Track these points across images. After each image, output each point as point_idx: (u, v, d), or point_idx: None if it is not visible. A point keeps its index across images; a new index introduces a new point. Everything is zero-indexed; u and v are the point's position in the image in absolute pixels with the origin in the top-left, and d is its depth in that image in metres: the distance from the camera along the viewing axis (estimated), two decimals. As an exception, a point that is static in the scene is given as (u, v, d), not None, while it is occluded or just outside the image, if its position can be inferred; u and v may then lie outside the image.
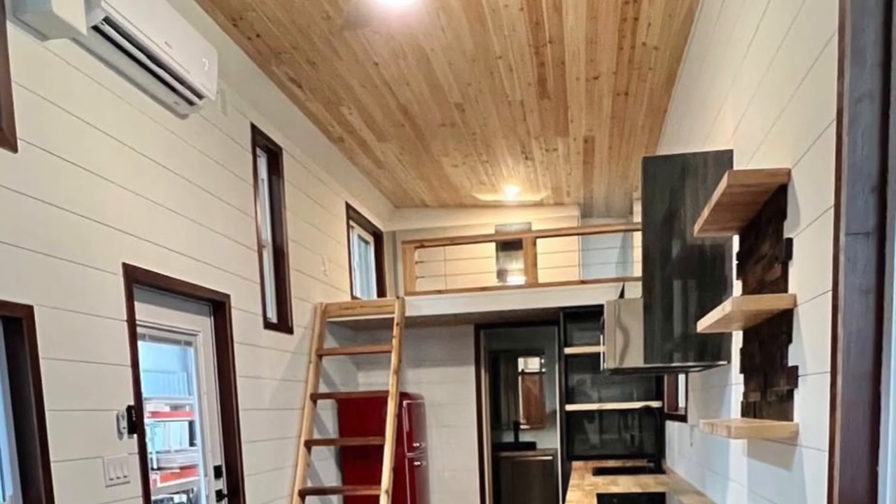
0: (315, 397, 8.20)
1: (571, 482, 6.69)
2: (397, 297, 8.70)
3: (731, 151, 4.48)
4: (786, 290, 3.36)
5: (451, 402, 10.18)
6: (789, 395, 3.31)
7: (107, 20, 4.42)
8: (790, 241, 3.30)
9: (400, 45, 6.22)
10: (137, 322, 5.27)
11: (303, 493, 7.80)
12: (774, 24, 3.52)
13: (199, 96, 5.62)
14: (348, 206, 10.00)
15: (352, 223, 10.31)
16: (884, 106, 2.50)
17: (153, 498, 5.44)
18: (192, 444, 6.29)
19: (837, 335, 2.65)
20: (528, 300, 8.75)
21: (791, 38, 3.26)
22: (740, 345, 4.26)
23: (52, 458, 4.34)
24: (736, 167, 4.40)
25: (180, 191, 5.85)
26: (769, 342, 3.64)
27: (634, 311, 5.72)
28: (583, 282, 8.96)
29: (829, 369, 2.76)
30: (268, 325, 7.36)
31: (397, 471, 9.03)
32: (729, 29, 4.53)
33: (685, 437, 6.73)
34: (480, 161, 9.52)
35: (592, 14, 5.75)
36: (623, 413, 8.99)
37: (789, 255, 3.31)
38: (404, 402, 9.07)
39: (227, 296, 6.51)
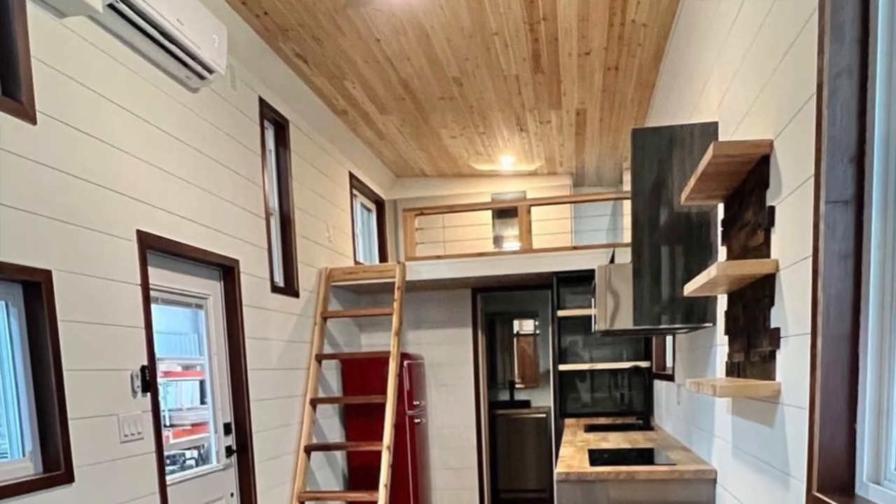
0: (320, 358, 8.22)
1: (564, 438, 6.70)
2: (398, 263, 8.70)
3: (716, 123, 4.49)
4: (768, 256, 3.37)
5: (449, 362, 10.20)
6: (772, 356, 3.32)
7: (121, -2, 4.42)
8: (772, 208, 3.31)
9: (401, 22, 6.20)
10: (151, 286, 5.28)
11: (308, 449, 7.82)
12: (758, 1, 3.51)
13: (210, 71, 5.63)
14: (351, 176, 10.00)
15: (355, 192, 10.30)
16: (862, 80, 2.52)
17: (166, 453, 5.46)
18: (202, 402, 6.31)
19: (817, 298, 2.66)
20: (522, 265, 8.75)
21: (773, 15, 3.25)
22: (725, 308, 4.27)
23: (69, 415, 4.35)
24: (721, 138, 4.40)
25: (192, 161, 5.86)
26: (752, 305, 3.65)
27: (624, 276, 5.73)
28: (575, 248, 8.95)
29: (809, 331, 2.77)
30: (275, 288, 7.37)
31: (398, 427, 9.07)
32: (714, 6, 4.51)
33: (672, 395, 6.74)
34: (477, 133, 9.52)
35: (584, -8, 5.76)
36: (613, 373, 9.00)
37: (772, 223, 3.32)
38: (405, 363, 9.09)
39: (236, 261, 6.52)
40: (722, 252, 4.32)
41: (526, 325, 12.48)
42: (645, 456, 5.36)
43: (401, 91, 7.94)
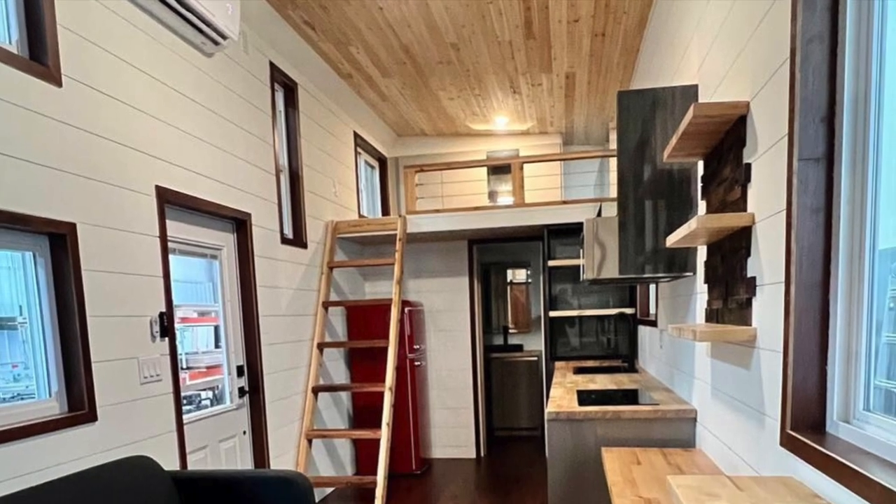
0: (326, 305, 8.23)
1: (554, 380, 6.72)
2: (400, 216, 8.69)
3: (696, 86, 4.49)
4: (745, 210, 3.38)
5: (447, 308, 10.22)
6: (748, 303, 3.33)
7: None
8: (749, 165, 3.32)
9: (402, -10, 6.17)
10: (168, 238, 5.30)
11: (315, 390, 7.86)
12: (738, -30, 3.50)
13: (224, 37, 5.66)
14: (356, 135, 9.98)
15: (359, 150, 10.28)
16: (832, 45, 2.54)
17: (183, 394, 5.48)
18: (217, 346, 6.33)
19: (791, 249, 2.67)
20: (515, 218, 8.75)
21: (751, -16, 3.23)
22: (704, 258, 4.28)
23: (92, 358, 4.39)
24: (701, 100, 4.40)
25: (207, 121, 5.88)
26: (730, 256, 3.65)
27: (610, 228, 5.75)
28: (564, 202, 8.94)
29: (783, 280, 2.78)
30: (284, 240, 7.38)
31: (399, 370, 9.13)
32: (696, -25, 4.49)
33: (655, 340, 6.76)
34: (473, 95, 9.53)
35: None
36: (600, 319, 9.02)
37: (748, 179, 3.33)
38: (406, 309, 9.11)
39: (249, 214, 6.53)
40: (702, 206, 4.33)
41: (519, 275, 12.48)
42: (630, 396, 5.39)
43: (402, 56, 7.94)
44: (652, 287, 7.25)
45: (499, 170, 12.07)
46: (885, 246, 2.41)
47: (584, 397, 5.39)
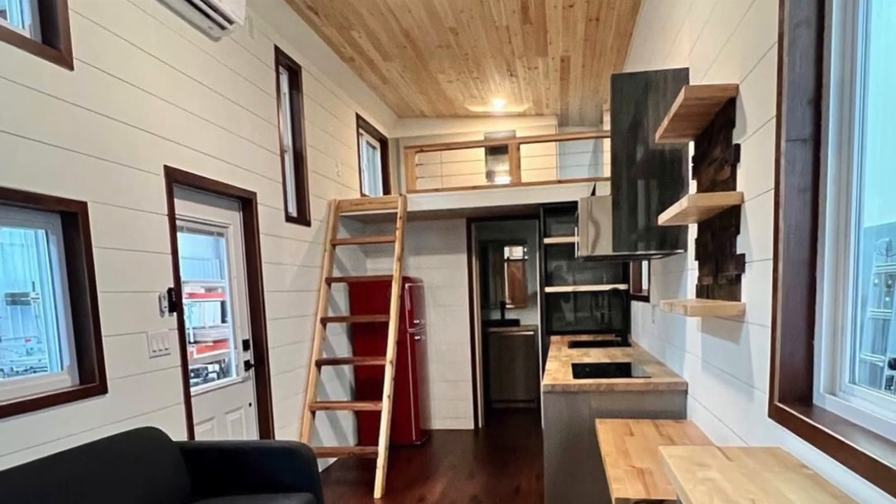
0: (329, 281, 8.24)
1: (550, 354, 6.73)
2: (400, 195, 8.69)
3: (687, 69, 4.50)
4: (734, 189, 3.39)
5: (446, 284, 10.23)
6: (737, 279, 3.34)
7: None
8: (738, 146, 3.33)
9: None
10: (177, 216, 5.31)
11: (319, 363, 7.87)
12: (728, -43, 3.49)
13: (230, 22, 5.66)
14: (358, 117, 9.97)
15: (361, 131, 10.27)
16: (819, 30, 2.55)
17: (190, 367, 5.50)
18: (223, 320, 6.34)
19: (779, 227, 2.68)
20: (512, 197, 8.74)
21: (742, -30, 3.23)
22: (695, 236, 4.29)
23: (103, 333, 4.41)
24: (692, 83, 4.41)
25: (213, 103, 5.89)
26: (720, 233, 3.66)
27: (604, 207, 5.76)
28: (560, 181, 8.93)
29: (771, 257, 2.79)
30: (289, 218, 7.38)
31: (400, 344, 9.15)
32: (688, -39, 4.48)
33: (648, 315, 6.77)
34: (472, 77, 9.52)
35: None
36: (594, 294, 9.03)
37: (737, 159, 3.34)
38: (406, 285, 9.12)
39: (254, 193, 6.53)
40: (692, 185, 4.34)
41: (515, 252, 12.49)
42: (623, 370, 5.40)
43: (402, 40, 7.93)
44: (644, 263, 7.27)
45: (496, 150, 12.08)
46: (870, 224, 2.41)
47: (579, 370, 5.40)
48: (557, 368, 5.59)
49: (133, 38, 4.85)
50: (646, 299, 6.91)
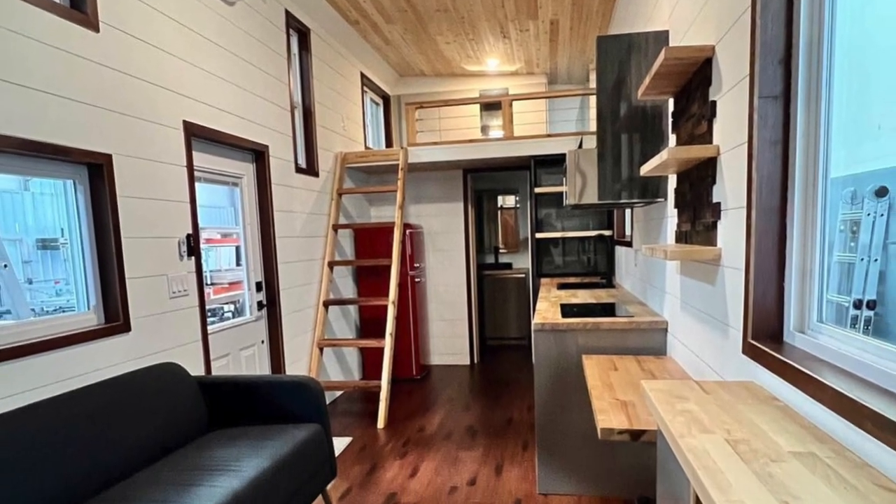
0: (336, 227, 8.24)
1: (540, 295, 6.75)
2: (401, 148, 8.66)
3: (667, 32, 4.51)
4: (711, 142, 3.40)
5: (444, 231, 10.23)
6: (713, 226, 3.36)
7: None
8: (714, 103, 3.34)
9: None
10: (195, 167, 5.32)
11: (326, 304, 7.90)
12: (710, -77, 3.47)
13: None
14: (362, 75, 9.93)
15: (365, 89, 10.24)
16: (790, -6, 2.55)
17: (207, 307, 5.54)
18: (238, 264, 6.35)
19: (752, 178, 2.69)
20: (505, 149, 8.72)
21: (722, -64, 3.22)
22: (674, 186, 4.31)
23: (126, 275, 4.43)
24: (671, 44, 4.42)
25: (229, 63, 5.88)
26: (697, 183, 3.67)
27: (590, 159, 5.75)
28: (549, 135, 8.89)
29: (745, 205, 2.81)
30: (298, 169, 7.36)
31: (402, 286, 9.22)
32: (673, -74, 4.45)
33: (631, 259, 6.79)
34: (468, 39, 9.49)
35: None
36: (581, 240, 9.04)
37: (713, 114, 3.36)
38: (407, 231, 9.13)
39: (266, 146, 6.52)
40: (672, 139, 4.35)
41: (508, 200, 12.46)
42: (608, 309, 5.42)
43: (403, 4, 7.91)
44: (627, 211, 7.27)
45: (490, 106, 12.07)
46: (836, 175, 2.43)
47: (567, 310, 5.42)
48: (547, 308, 5.61)
49: (154, 3, 4.85)
50: (629, 244, 6.92)
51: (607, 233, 8.72)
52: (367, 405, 8.07)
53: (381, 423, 7.13)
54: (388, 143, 11.76)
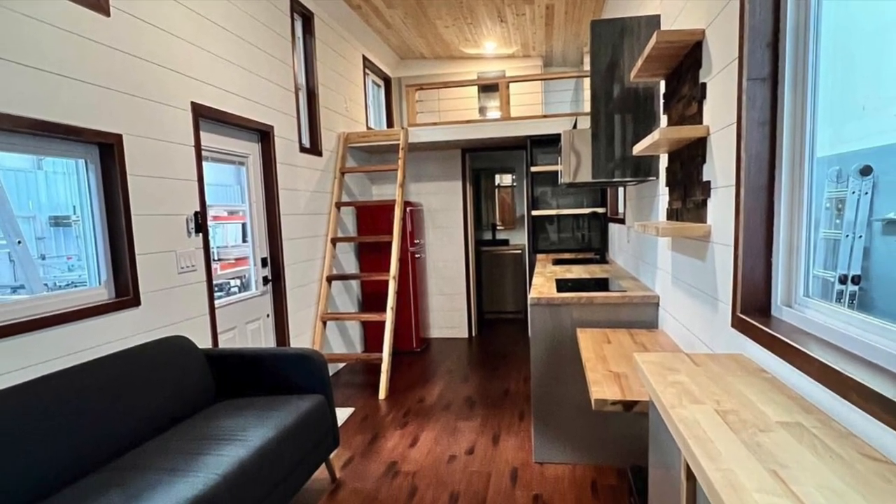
0: (339, 205, 8.24)
1: (536, 270, 6.75)
2: (402, 128, 8.65)
3: (658, 16, 4.52)
4: (701, 123, 3.41)
5: (443, 208, 10.23)
6: (704, 203, 3.36)
7: None
8: (704, 84, 3.34)
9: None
10: (202, 147, 5.30)
11: (329, 279, 7.91)
12: None
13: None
14: (364, 58, 9.90)
15: (367, 71, 10.21)
16: (778, -21, 2.56)
17: (214, 282, 5.55)
18: (244, 240, 6.36)
19: (740, 157, 2.69)
20: (502, 130, 8.71)
21: (714, -79, 3.21)
22: (666, 164, 4.31)
23: (136, 251, 4.44)
24: (663, 28, 4.41)
25: (235, 46, 5.87)
26: (688, 162, 3.67)
27: (585, 139, 5.75)
28: (545, 116, 8.87)
29: (734, 183, 2.81)
30: (303, 149, 7.36)
31: (402, 261, 9.21)
32: (666, -87, 4.43)
33: (623, 235, 6.79)
34: (466, 23, 9.48)
35: None
36: (576, 217, 9.05)
37: (703, 96, 3.36)
38: (407, 209, 9.12)
39: (271, 126, 6.52)
40: (663, 120, 4.34)
41: (505, 179, 12.45)
42: (601, 284, 5.43)
43: (403, -13, 7.83)
44: (620, 190, 7.28)
45: (488, 88, 12.08)
46: (822, 154, 2.43)
47: (562, 285, 5.43)
48: (543, 283, 5.62)
49: (161, -14, 4.86)
50: (622, 221, 6.92)
51: (601, 210, 8.74)
52: (369, 377, 8.10)
53: (382, 395, 7.15)
54: (389, 124, 11.73)
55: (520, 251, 11.78)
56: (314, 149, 7.77)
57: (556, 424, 5.13)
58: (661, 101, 4.44)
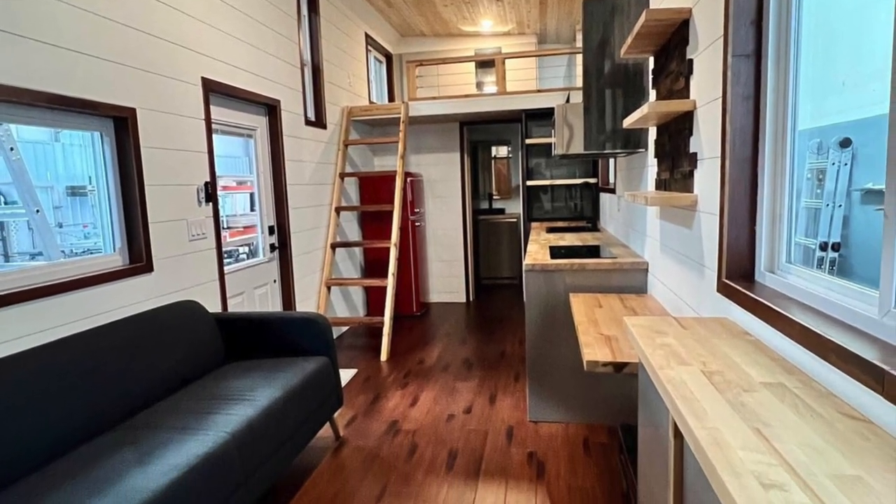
0: (343, 175, 8.23)
1: (530, 238, 6.76)
2: (403, 102, 8.62)
3: (649, -6, 4.48)
4: (688, 97, 3.41)
5: (442, 179, 10.22)
6: (690, 174, 3.36)
7: None
8: (691, 61, 3.34)
9: None
10: (212, 120, 5.28)
11: (333, 246, 7.92)
12: None
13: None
14: (367, 35, 9.84)
15: (369, 48, 10.15)
16: (762, -41, 2.56)
17: (224, 249, 5.55)
18: (252, 209, 6.35)
19: (726, 130, 2.70)
20: (498, 104, 8.69)
21: None
22: (654, 137, 4.31)
23: (149, 219, 4.45)
24: (651, 7, 4.39)
25: (243, 23, 5.86)
26: (676, 135, 3.67)
27: (577, 113, 5.74)
28: (539, 91, 8.85)
29: (719, 155, 2.82)
30: (308, 122, 7.34)
31: (403, 230, 9.21)
32: None
33: (614, 204, 6.80)
34: (464, 2, 9.47)
35: None
36: (568, 187, 9.05)
37: (690, 71, 3.36)
38: (408, 179, 9.11)
39: (278, 101, 6.50)
40: (652, 94, 4.33)
41: (501, 150, 12.43)
42: (593, 251, 5.44)
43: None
44: (611, 161, 7.27)
45: (484, 64, 12.03)
46: (804, 127, 2.44)
47: (555, 252, 5.44)
48: (537, 250, 5.62)
49: (171, -35, 4.84)
50: (612, 191, 6.92)
51: (592, 180, 8.74)
52: (371, 340, 8.12)
53: (383, 356, 7.18)
54: (391, 98, 11.68)
55: (515, 220, 11.78)
56: (319, 122, 7.74)
57: (550, 385, 5.16)
58: (650, 76, 4.43)
